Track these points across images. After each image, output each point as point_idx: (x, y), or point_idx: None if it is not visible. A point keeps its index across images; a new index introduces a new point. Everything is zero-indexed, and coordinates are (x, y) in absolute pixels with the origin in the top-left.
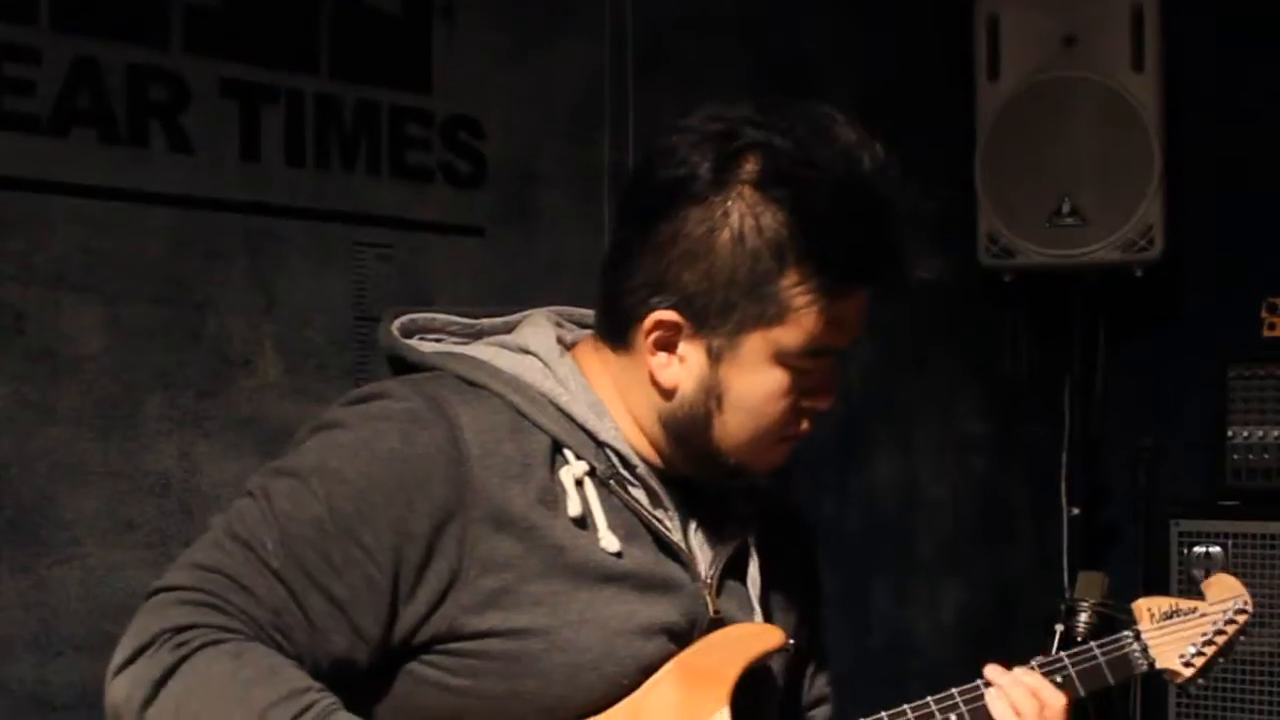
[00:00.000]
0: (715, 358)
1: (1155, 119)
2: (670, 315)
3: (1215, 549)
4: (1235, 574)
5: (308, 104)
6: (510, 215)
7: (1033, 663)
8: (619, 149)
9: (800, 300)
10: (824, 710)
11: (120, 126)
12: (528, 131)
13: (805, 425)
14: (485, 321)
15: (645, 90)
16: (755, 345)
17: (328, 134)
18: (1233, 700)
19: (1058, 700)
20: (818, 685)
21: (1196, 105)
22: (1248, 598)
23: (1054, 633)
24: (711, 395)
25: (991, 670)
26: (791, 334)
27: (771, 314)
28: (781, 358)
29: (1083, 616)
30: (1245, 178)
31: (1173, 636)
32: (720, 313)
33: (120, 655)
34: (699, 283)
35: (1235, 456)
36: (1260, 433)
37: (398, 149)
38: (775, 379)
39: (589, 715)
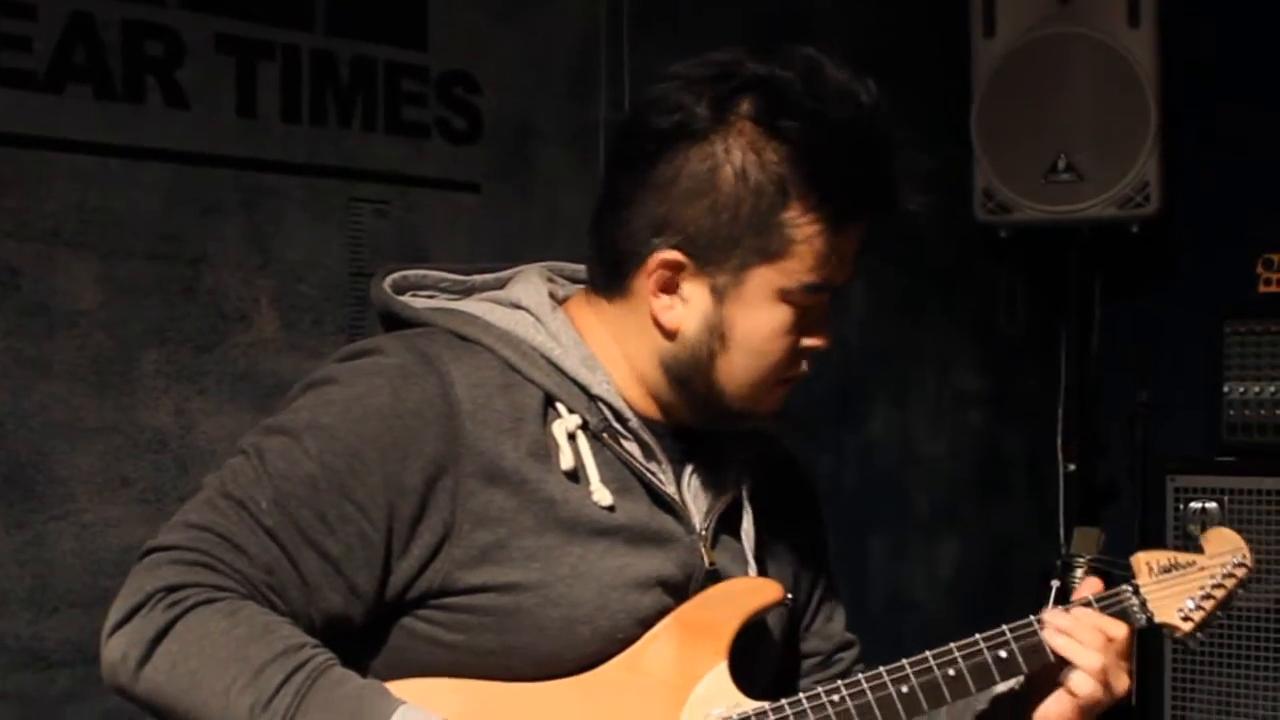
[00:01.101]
0: (719, 296)
1: (1151, 75)
2: (674, 255)
3: (1211, 505)
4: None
5: (304, 60)
6: (506, 171)
7: (1034, 618)
8: (615, 106)
9: (803, 233)
10: (852, 653)
11: (116, 82)
12: (524, 88)
13: (804, 367)
14: (477, 278)
15: (641, 47)
16: (759, 281)
17: (324, 90)
18: (1229, 655)
19: (1120, 630)
20: (838, 630)
21: (1193, 61)
22: (1247, 551)
23: (1050, 588)
24: (715, 334)
25: (1049, 613)
26: (794, 268)
27: (775, 248)
28: (784, 294)
29: (1079, 572)
30: (1242, 134)
31: (1171, 590)
32: (724, 249)
33: (115, 615)
34: (702, 220)
35: (1231, 412)
36: (1256, 388)
37: (394, 105)
38: (778, 316)
39: (585, 669)
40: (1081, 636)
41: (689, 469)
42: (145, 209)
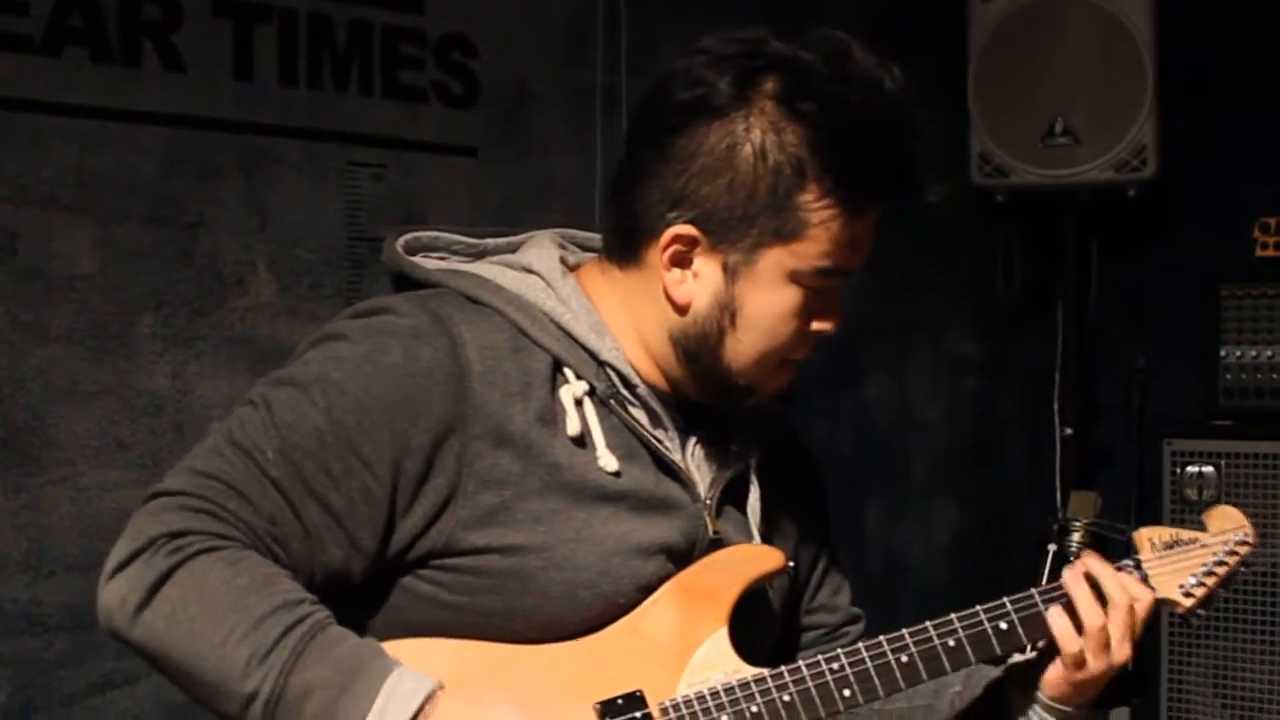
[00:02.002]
0: (731, 274)
1: (1148, 39)
2: (688, 230)
3: (1208, 469)
4: (1228, 494)
5: (300, 23)
6: (503, 135)
7: (1034, 591)
8: (611, 70)
9: (818, 216)
10: (858, 628)
11: (113, 46)
12: (521, 52)
13: (809, 349)
14: (489, 241)
15: (638, 11)
16: (771, 262)
17: (321, 53)
18: (1226, 620)
19: (1145, 594)
20: (844, 603)
21: (1190, 25)
22: (1250, 529)
23: (1047, 553)
24: (725, 312)
25: (1070, 576)
26: (808, 251)
27: (789, 230)
28: (796, 276)
29: (1075, 536)
30: (1239, 97)
31: (1173, 567)
32: (739, 227)
33: (115, 558)
34: (719, 197)
35: (1228, 376)
36: (1253, 352)
37: (390, 69)
38: (789, 298)
39: (586, 633)
40: (1106, 588)
41: (694, 439)
42: (142, 173)
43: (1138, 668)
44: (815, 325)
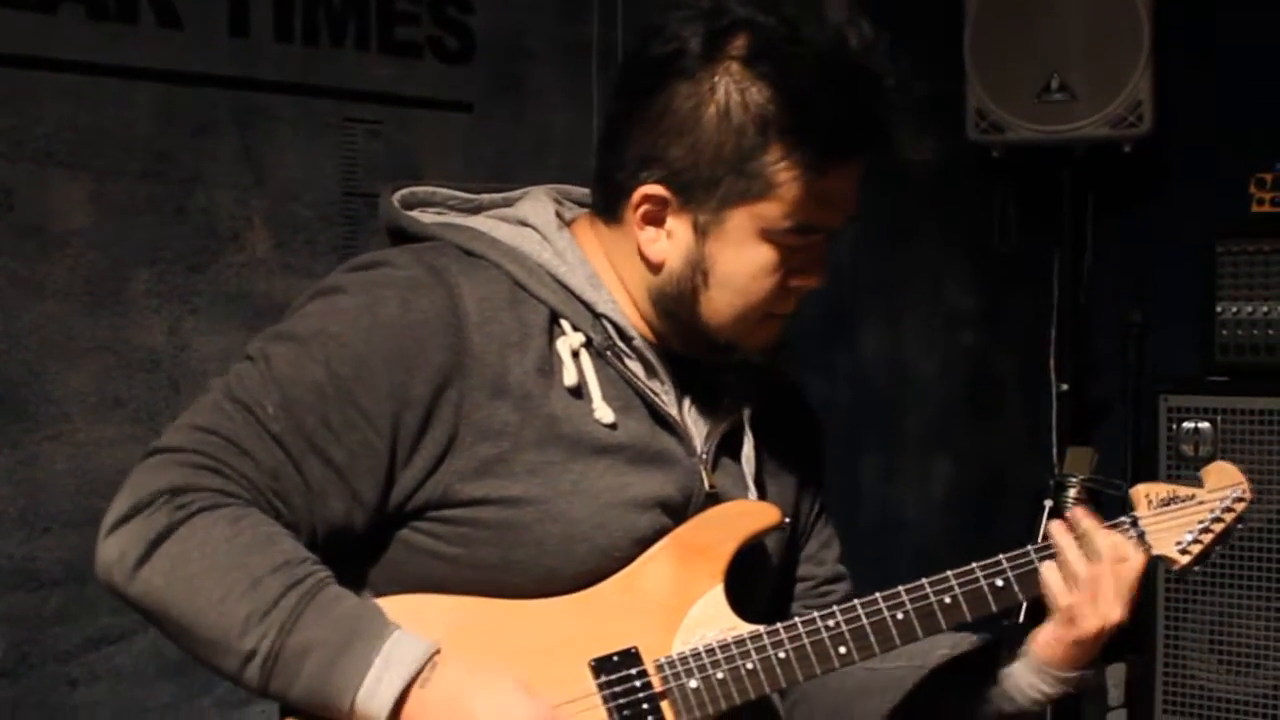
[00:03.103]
0: (701, 233)
1: None
2: (657, 189)
3: (1204, 425)
4: (1224, 450)
5: None
6: (499, 91)
7: (1030, 548)
8: (608, 25)
9: (783, 176)
10: (844, 586)
11: (109, 2)
12: (516, 7)
13: (791, 305)
14: (485, 196)
15: None
16: (740, 221)
17: (316, 9)
18: (1222, 576)
19: (1136, 554)
20: (830, 561)
21: None
22: (1247, 486)
23: (1043, 509)
24: (698, 271)
25: (1056, 528)
26: (775, 209)
27: (756, 190)
28: (768, 234)
29: (1071, 492)
30: (1235, 54)
31: (1170, 523)
32: (705, 187)
33: (115, 513)
34: (685, 157)
35: (1224, 332)
36: (1249, 308)
37: (386, 24)
38: (761, 255)
39: (582, 588)
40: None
41: (690, 392)
42: (138, 129)
43: (1133, 623)
44: (795, 282)
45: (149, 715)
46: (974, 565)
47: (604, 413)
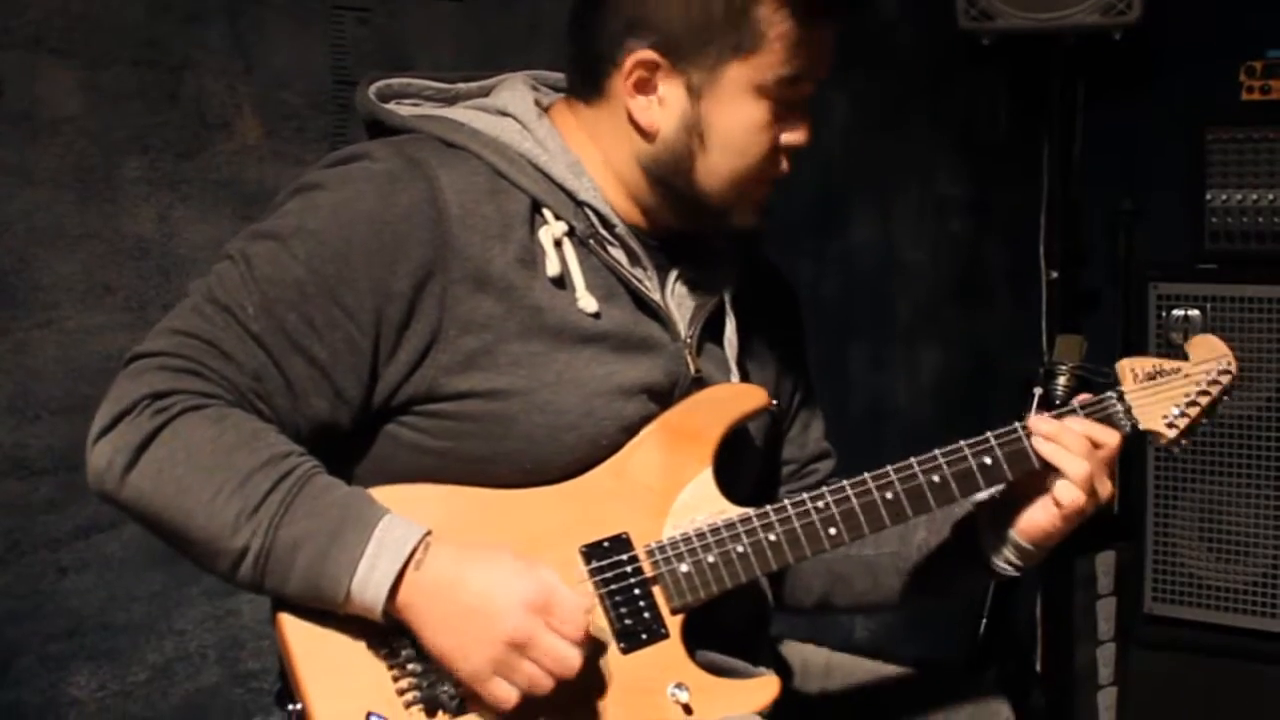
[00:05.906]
0: (695, 94)
1: None
2: (649, 54)
3: (1194, 312)
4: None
5: None
6: None
7: (1018, 425)
8: None
9: (776, 29)
10: (827, 464)
11: None
12: None
13: (785, 165)
14: (461, 86)
15: None
16: (734, 77)
17: None
18: (1212, 463)
19: (1108, 437)
20: (814, 439)
21: None
22: (1232, 358)
23: (1032, 396)
24: (693, 133)
25: (1035, 419)
26: (768, 62)
27: (749, 43)
28: (761, 89)
29: (1061, 380)
30: None
31: (1156, 397)
32: (699, 47)
33: (100, 422)
34: (677, 18)
35: (1214, 220)
36: (1239, 196)
37: None
38: (756, 111)
39: (571, 476)
40: (1068, 443)
41: (673, 275)
42: (128, 16)
43: (1123, 511)
44: (786, 138)
45: (138, 603)
46: (962, 443)
47: (587, 302)
